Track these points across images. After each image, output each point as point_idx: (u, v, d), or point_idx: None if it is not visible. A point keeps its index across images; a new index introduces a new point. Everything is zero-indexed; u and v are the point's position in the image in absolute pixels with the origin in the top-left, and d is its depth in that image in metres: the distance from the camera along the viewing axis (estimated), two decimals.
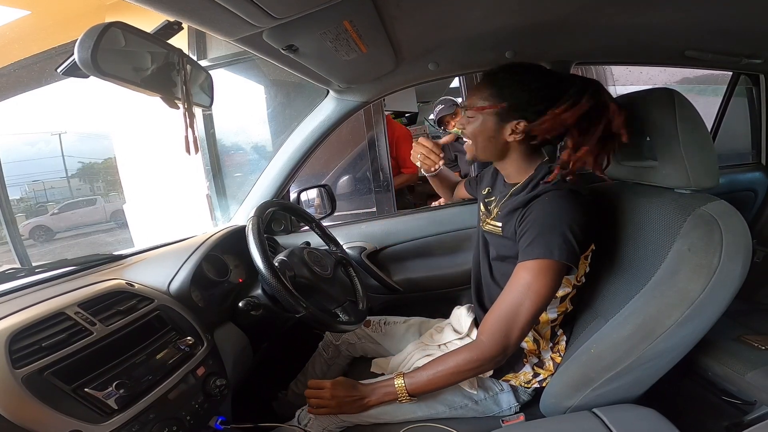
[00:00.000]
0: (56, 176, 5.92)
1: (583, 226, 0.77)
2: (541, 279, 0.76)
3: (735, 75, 1.66)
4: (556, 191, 0.80)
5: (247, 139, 2.73)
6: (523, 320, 0.78)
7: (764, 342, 1.10)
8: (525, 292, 0.77)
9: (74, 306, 0.70)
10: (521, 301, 0.77)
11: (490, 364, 0.82)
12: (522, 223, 0.81)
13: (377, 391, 0.89)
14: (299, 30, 0.75)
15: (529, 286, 0.77)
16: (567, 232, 0.75)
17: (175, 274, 0.92)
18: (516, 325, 0.78)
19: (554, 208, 0.78)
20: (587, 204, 0.81)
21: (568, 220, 0.76)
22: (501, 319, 0.79)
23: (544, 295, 0.77)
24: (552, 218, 0.77)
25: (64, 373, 0.61)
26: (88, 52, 0.54)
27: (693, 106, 0.79)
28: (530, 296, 0.77)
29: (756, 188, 1.63)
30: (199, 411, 0.74)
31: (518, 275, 0.79)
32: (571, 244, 0.75)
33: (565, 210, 0.77)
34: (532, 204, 0.81)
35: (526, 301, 0.77)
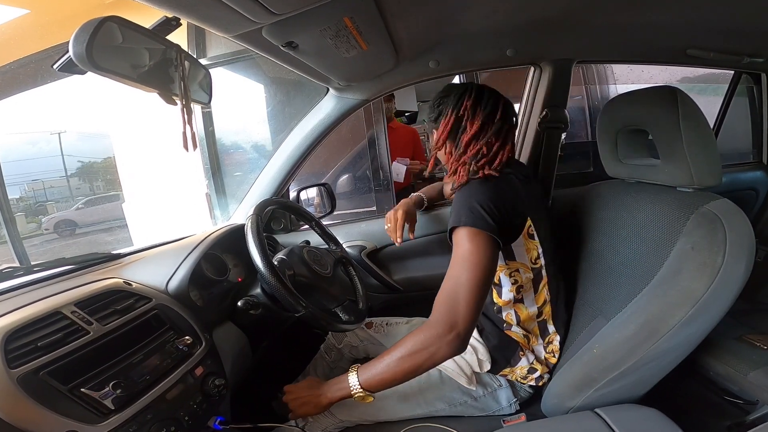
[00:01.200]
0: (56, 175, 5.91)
1: (494, 201, 0.80)
2: (464, 247, 0.77)
3: (736, 74, 1.65)
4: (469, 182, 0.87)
5: (247, 138, 2.73)
6: (465, 292, 0.75)
7: (766, 341, 1.09)
8: (458, 264, 0.77)
9: (71, 305, 0.70)
10: (458, 273, 0.76)
11: (443, 345, 0.74)
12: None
13: (331, 388, 0.83)
14: (299, 26, 0.74)
15: (459, 258, 0.77)
16: (474, 205, 0.79)
17: (173, 273, 0.92)
18: (459, 298, 0.75)
19: (462, 191, 0.84)
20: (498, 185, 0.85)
21: (474, 197, 0.80)
22: (444, 295, 0.77)
23: (476, 263, 0.76)
24: (460, 198, 0.83)
25: (61, 373, 0.60)
26: (83, 47, 0.53)
27: (696, 105, 0.79)
28: (463, 266, 0.76)
29: (757, 187, 1.62)
30: (197, 411, 0.73)
31: (454, 248, 0.81)
32: (479, 213, 0.78)
33: (470, 192, 0.82)
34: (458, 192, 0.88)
35: (462, 273, 0.76)
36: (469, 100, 0.89)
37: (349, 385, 0.80)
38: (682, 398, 1.05)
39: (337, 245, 1.22)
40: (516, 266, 0.90)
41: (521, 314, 0.92)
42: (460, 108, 0.89)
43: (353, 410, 0.94)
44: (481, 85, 0.92)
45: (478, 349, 0.94)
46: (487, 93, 0.91)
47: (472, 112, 0.88)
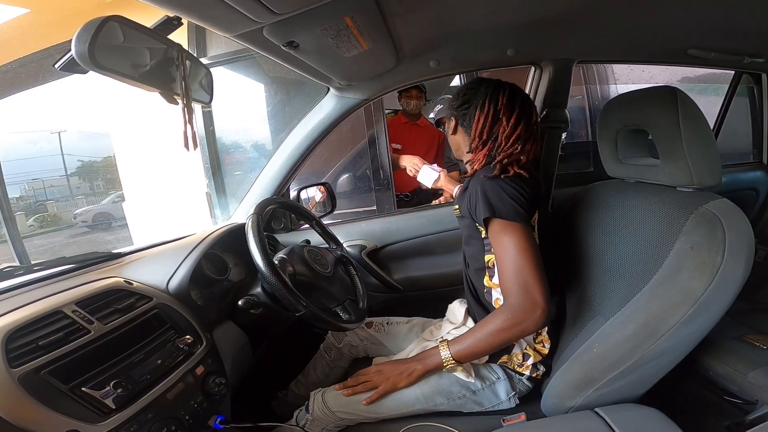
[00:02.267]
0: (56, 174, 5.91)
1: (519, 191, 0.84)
2: (510, 238, 0.83)
3: (737, 74, 1.65)
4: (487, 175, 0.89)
5: (247, 138, 2.72)
6: (531, 274, 0.81)
7: (766, 341, 1.09)
8: (513, 253, 0.82)
9: (71, 304, 0.70)
10: (516, 260, 0.82)
11: (531, 321, 0.82)
12: (470, 200, 0.90)
13: (424, 361, 0.91)
14: (300, 26, 0.74)
15: (511, 247, 0.83)
16: (505, 196, 0.84)
17: (174, 272, 0.92)
18: (528, 280, 0.81)
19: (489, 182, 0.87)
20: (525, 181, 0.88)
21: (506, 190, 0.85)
22: (513, 281, 0.82)
23: (527, 248, 0.82)
24: (487, 188, 0.86)
25: (62, 373, 0.60)
26: (85, 46, 0.54)
27: (695, 105, 0.79)
28: (518, 254, 0.82)
29: (757, 187, 1.62)
30: (198, 410, 0.73)
31: (494, 238, 0.86)
32: (512, 206, 0.83)
33: (501, 185, 0.86)
34: (470, 183, 0.92)
35: (520, 259, 0.82)
36: (505, 96, 0.93)
37: (442, 357, 0.88)
38: (682, 398, 1.05)
39: (338, 245, 1.22)
40: None
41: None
42: (498, 102, 0.92)
43: (353, 408, 0.94)
44: (513, 85, 0.96)
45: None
46: (520, 93, 0.95)
47: (510, 108, 0.92)
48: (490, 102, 0.93)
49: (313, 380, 1.24)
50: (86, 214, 5.95)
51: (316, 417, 0.95)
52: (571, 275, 0.98)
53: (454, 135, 1.03)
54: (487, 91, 0.94)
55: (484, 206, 0.85)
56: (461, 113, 0.99)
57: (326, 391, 0.99)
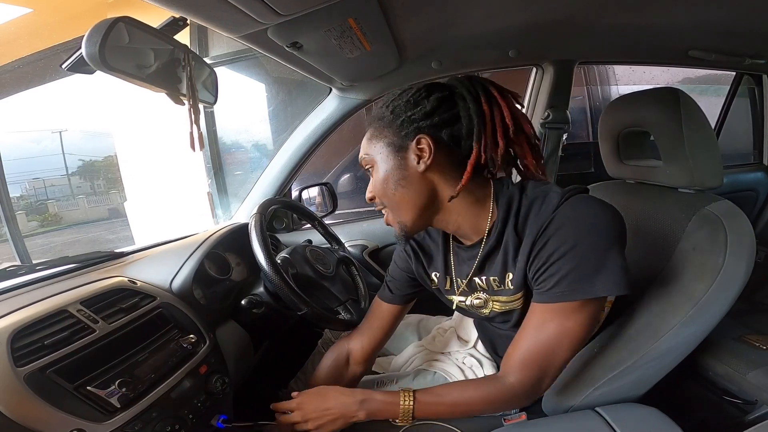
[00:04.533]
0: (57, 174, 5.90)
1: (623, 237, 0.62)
2: (579, 319, 0.61)
3: (738, 75, 1.65)
4: (577, 198, 0.63)
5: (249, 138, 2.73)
6: (559, 364, 0.66)
7: (765, 342, 1.10)
8: (559, 337, 0.62)
9: (76, 303, 0.70)
10: (555, 346, 0.63)
11: (520, 403, 0.72)
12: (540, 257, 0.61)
13: (370, 407, 0.72)
14: (304, 27, 0.75)
15: (563, 331, 0.62)
16: (611, 255, 0.58)
17: (177, 271, 0.92)
18: (550, 370, 0.66)
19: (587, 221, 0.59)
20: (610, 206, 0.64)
21: (609, 236, 0.59)
22: (533, 364, 0.65)
23: (584, 336, 0.64)
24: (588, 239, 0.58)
25: (67, 372, 0.60)
26: (96, 47, 0.54)
27: (698, 106, 0.79)
28: (567, 340, 0.63)
29: (757, 188, 1.63)
30: (201, 409, 0.73)
31: (539, 320, 0.64)
32: (620, 270, 0.58)
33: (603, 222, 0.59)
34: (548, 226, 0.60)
35: (562, 345, 0.63)
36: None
37: (399, 410, 0.70)
38: (681, 398, 1.05)
39: (339, 244, 1.22)
40: None
41: None
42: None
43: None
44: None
45: (484, 364, 0.92)
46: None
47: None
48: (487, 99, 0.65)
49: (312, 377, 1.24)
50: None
51: None
52: None
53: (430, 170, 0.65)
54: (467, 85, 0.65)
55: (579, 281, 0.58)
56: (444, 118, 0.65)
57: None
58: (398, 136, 0.66)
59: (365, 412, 0.72)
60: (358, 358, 0.91)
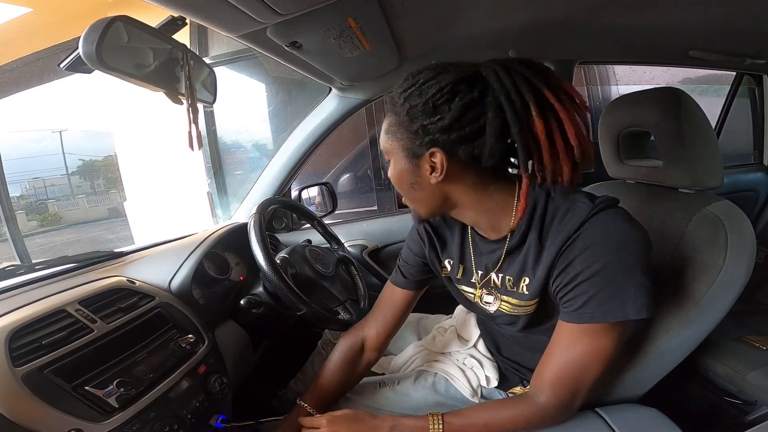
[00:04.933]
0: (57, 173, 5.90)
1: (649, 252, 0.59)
2: (606, 340, 0.60)
3: (738, 75, 1.65)
4: (606, 213, 0.58)
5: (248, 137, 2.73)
6: (590, 383, 0.64)
7: (765, 342, 1.10)
8: (590, 358, 0.61)
9: (75, 303, 0.70)
10: (586, 365, 0.62)
11: (551, 423, 0.68)
12: (567, 273, 0.59)
13: (401, 431, 0.71)
14: (303, 26, 0.75)
15: (594, 351, 0.61)
16: (640, 276, 0.56)
17: (176, 271, 0.92)
18: (581, 390, 0.64)
19: (617, 241, 0.56)
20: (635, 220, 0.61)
21: (638, 256, 0.56)
22: (563, 384, 0.64)
23: (610, 356, 0.62)
24: (617, 259, 0.56)
25: (65, 371, 0.60)
26: (93, 46, 0.54)
27: (698, 106, 0.79)
28: (597, 360, 0.61)
29: (758, 189, 1.62)
30: (200, 409, 0.73)
31: (567, 341, 0.62)
32: (648, 291, 0.56)
33: (629, 240, 0.57)
34: (575, 241, 0.58)
35: (592, 365, 0.62)
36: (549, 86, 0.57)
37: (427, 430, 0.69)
38: (681, 398, 1.05)
39: (339, 244, 1.22)
40: None
41: None
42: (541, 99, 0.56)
43: (355, 407, 0.94)
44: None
45: (485, 364, 0.90)
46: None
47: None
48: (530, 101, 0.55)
49: (312, 377, 1.23)
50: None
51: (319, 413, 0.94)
52: None
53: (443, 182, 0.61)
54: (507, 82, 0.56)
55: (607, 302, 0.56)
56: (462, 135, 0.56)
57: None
58: (413, 142, 0.60)
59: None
60: (373, 345, 0.90)
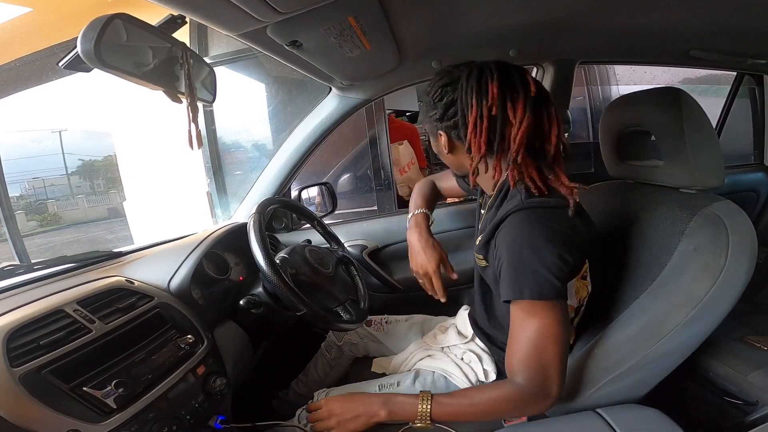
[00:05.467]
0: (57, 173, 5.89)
1: (564, 250, 0.66)
2: (539, 322, 0.67)
3: (739, 75, 1.65)
4: (519, 212, 0.69)
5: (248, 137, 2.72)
6: (555, 364, 0.68)
7: (766, 342, 1.10)
8: (538, 338, 0.67)
9: (73, 303, 0.69)
10: (542, 346, 0.67)
11: (535, 410, 0.72)
12: (496, 257, 0.71)
13: (391, 408, 0.76)
14: (303, 25, 0.74)
15: (537, 332, 0.67)
16: (539, 268, 0.65)
17: (175, 271, 0.91)
18: (550, 370, 0.68)
19: (520, 236, 0.67)
20: (564, 219, 0.69)
21: (538, 251, 0.65)
22: (528, 361, 0.68)
23: (558, 334, 0.67)
24: (518, 252, 0.66)
25: (63, 372, 0.60)
26: (92, 44, 0.53)
27: (699, 106, 0.79)
28: (546, 340, 0.67)
29: (758, 189, 1.62)
30: (199, 410, 0.73)
31: (517, 320, 0.70)
32: (546, 280, 0.65)
33: (533, 238, 0.66)
34: (500, 230, 0.71)
35: (546, 346, 0.67)
36: (494, 80, 0.69)
37: (417, 411, 0.73)
38: (682, 399, 1.05)
39: (339, 244, 1.22)
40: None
41: None
42: (488, 93, 0.69)
43: None
44: (501, 62, 0.73)
45: (483, 359, 0.92)
46: (515, 71, 0.72)
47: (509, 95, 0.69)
48: (479, 97, 0.69)
49: (314, 379, 1.24)
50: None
51: None
52: None
53: (452, 153, 0.81)
54: (469, 83, 0.71)
55: (510, 283, 0.67)
56: (449, 124, 0.76)
57: (331, 391, 0.98)
58: (431, 126, 0.82)
59: (386, 411, 0.76)
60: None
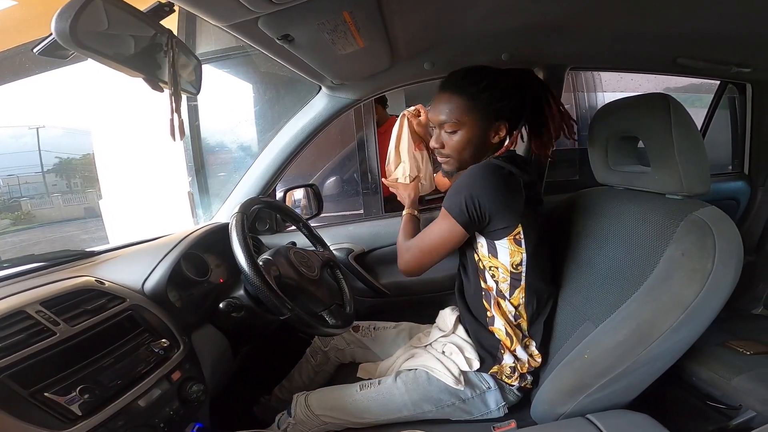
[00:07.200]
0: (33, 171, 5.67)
1: (488, 198, 0.82)
2: (438, 223, 0.90)
3: (722, 84, 1.69)
4: (481, 163, 0.88)
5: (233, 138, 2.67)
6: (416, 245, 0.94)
7: (748, 347, 1.11)
8: (430, 230, 0.92)
9: (36, 304, 0.65)
10: (424, 235, 0.93)
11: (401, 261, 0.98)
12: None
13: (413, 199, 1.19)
14: (297, 18, 0.72)
15: (434, 228, 0.91)
16: (465, 197, 0.83)
17: (150, 272, 0.87)
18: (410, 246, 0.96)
19: (467, 174, 0.86)
20: (506, 180, 0.84)
21: (471, 188, 0.83)
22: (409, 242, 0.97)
23: (436, 236, 0.90)
24: (461, 182, 0.85)
25: (22, 377, 0.56)
26: (67, 23, 0.49)
27: (687, 112, 0.80)
28: (428, 232, 0.92)
29: (738, 197, 1.66)
30: (174, 417, 0.69)
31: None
32: (463, 208, 0.83)
33: (473, 178, 0.84)
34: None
35: (425, 237, 0.93)
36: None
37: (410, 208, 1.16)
38: (666, 404, 1.05)
39: (325, 247, 1.19)
40: (496, 264, 0.90)
41: (502, 307, 0.91)
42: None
43: (337, 411, 0.91)
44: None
45: (465, 348, 0.93)
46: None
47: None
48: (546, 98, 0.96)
49: (298, 384, 1.20)
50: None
51: (298, 420, 0.91)
52: (561, 282, 0.98)
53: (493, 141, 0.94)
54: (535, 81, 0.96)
55: (449, 198, 0.86)
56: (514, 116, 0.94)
57: (310, 393, 0.95)
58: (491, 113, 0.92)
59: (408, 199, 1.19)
60: None
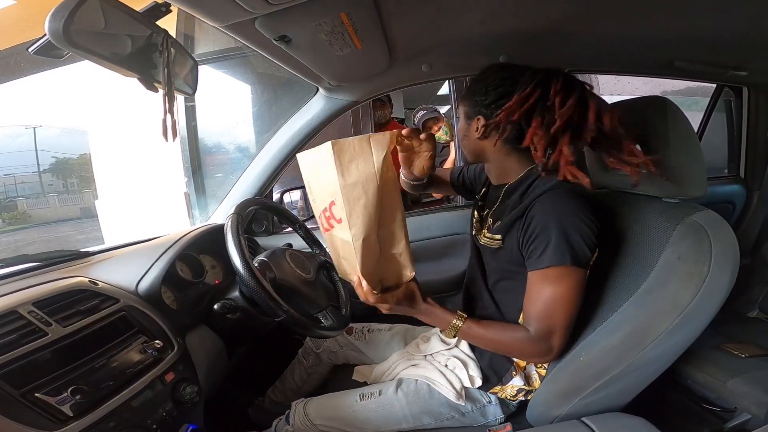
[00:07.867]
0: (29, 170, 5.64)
1: (591, 226, 0.75)
2: (563, 284, 0.74)
3: (719, 87, 1.69)
4: (554, 191, 0.77)
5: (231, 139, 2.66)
6: (561, 327, 0.76)
7: (743, 350, 1.12)
8: (556, 300, 0.75)
9: (28, 305, 0.65)
10: (555, 309, 0.75)
11: (535, 359, 0.85)
12: (526, 232, 0.77)
13: (430, 314, 0.84)
14: (294, 19, 0.72)
15: (558, 295, 0.74)
16: (574, 235, 0.73)
17: (144, 273, 0.87)
18: (555, 331, 0.76)
19: (557, 209, 0.75)
20: (590, 203, 0.77)
21: (574, 221, 0.73)
22: (543, 322, 0.76)
23: (572, 300, 0.75)
24: (557, 221, 0.74)
25: (13, 377, 0.55)
26: (61, 23, 0.49)
27: (684, 116, 0.80)
28: (561, 304, 0.75)
29: (734, 200, 1.66)
30: (167, 419, 0.69)
31: (537, 287, 0.76)
32: (581, 246, 0.73)
33: (569, 210, 0.75)
34: (531, 209, 0.77)
35: (559, 310, 0.75)
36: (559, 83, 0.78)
37: (450, 324, 0.83)
38: (661, 406, 1.05)
39: (321, 249, 1.18)
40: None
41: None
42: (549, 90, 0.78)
43: (336, 421, 0.90)
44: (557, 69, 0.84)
45: (469, 365, 0.91)
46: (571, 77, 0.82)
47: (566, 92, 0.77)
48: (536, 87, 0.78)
49: (291, 386, 1.19)
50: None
51: (296, 429, 0.91)
52: None
53: (481, 139, 0.85)
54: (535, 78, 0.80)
55: (559, 249, 0.72)
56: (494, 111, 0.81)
57: (308, 401, 0.94)
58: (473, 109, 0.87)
59: (424, 314, 0.84)
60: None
